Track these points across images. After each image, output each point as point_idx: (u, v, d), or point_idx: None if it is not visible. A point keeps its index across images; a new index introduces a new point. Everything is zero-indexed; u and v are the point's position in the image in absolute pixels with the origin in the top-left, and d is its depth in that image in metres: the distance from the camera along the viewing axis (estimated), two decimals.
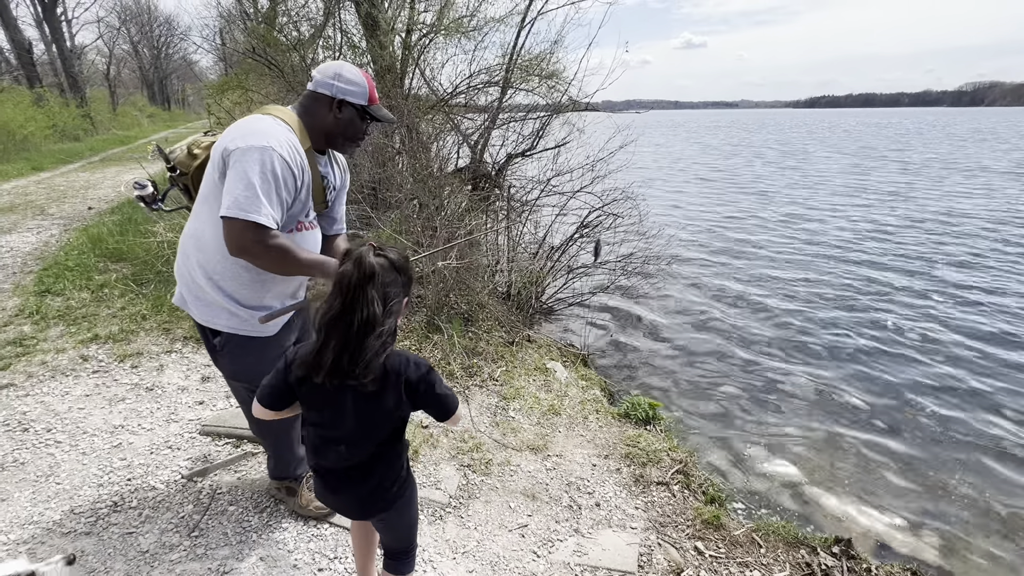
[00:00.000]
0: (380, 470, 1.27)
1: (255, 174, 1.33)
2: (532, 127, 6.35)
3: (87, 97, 22.44)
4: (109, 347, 2.92)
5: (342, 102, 1.50)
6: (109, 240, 4.34)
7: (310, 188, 1.53)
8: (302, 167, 1.45)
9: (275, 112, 1.50)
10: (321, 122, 1.52)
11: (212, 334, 1.59)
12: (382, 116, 1.58)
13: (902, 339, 4.77)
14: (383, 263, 1.13)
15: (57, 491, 1.94)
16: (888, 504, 2.79)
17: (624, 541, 2.12)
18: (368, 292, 1.11)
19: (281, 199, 1.39)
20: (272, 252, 1.37)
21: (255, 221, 1.32)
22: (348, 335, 1.10)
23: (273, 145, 1.36)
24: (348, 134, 1.56)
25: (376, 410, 1.19)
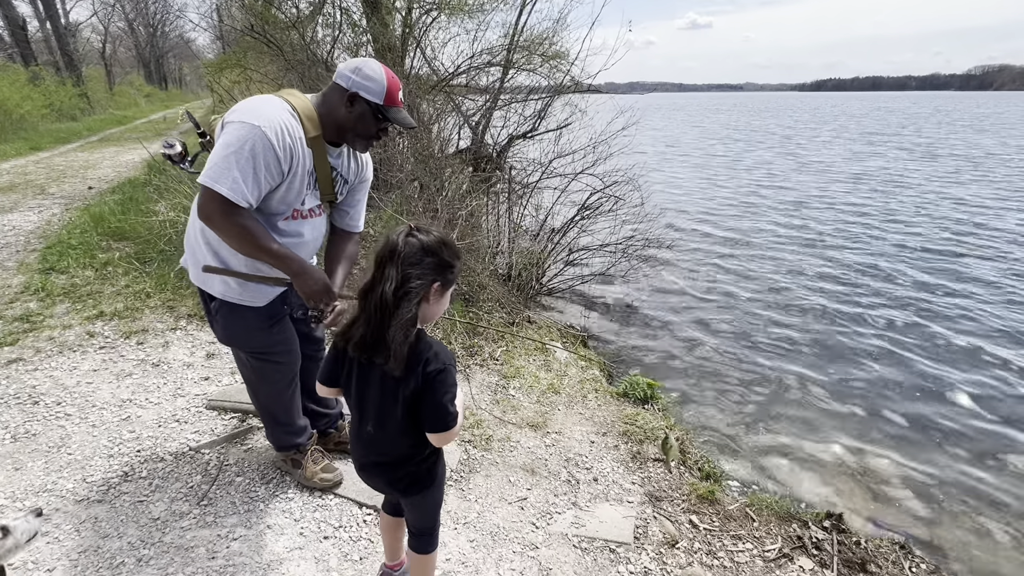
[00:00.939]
0: (410, 455, 1.26)
1: (234, 148, 1.34)
2: (534, 108, 6.30)
3: (83, 76, 22.14)
4: (115, 324, 2.96)
5: (355, 96, 1.47)
6: (111, 219, 4.35)
7: (307, 176, 1.52)
8: (293, 152, 1.43)
9: (286, 95, 1.51)
10: (334, 113, 1.51)
11: (209, 298, 1.64)
12: (398, 119, 1.52)
13: (900, 323, 4.80)
14: (412, 242, 1.10)
15: (69, 461, 2.00)
16: (880, 481, 2.85)
17: (621, 514, 2.17)
18: (386, 270, 1.10)
19: (259, 179, 1.38)
20: (232, 229, 1.39)
21: (219, 192, 1.34)
22: (370, 311, 1.11)
23: (262, 125, 1.36)
24: (359, 130, 1.53)
25: (398, 393, 1.17)
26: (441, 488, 1.40)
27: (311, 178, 1.55)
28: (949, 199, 10.06)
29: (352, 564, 1.70)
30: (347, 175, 1.67)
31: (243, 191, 1.36)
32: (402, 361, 1.11)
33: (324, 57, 5.97)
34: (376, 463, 1.31)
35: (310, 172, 1.53)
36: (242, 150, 1.35)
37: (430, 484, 1.33)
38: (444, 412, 1.14)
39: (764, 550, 2.09)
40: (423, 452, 1.27)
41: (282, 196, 1.50)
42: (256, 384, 1.84)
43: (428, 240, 1.12)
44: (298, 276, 1.51)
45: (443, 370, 1.15)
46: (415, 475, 1.30)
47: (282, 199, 1.51)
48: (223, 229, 1.42)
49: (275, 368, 1.78)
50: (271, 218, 1.54)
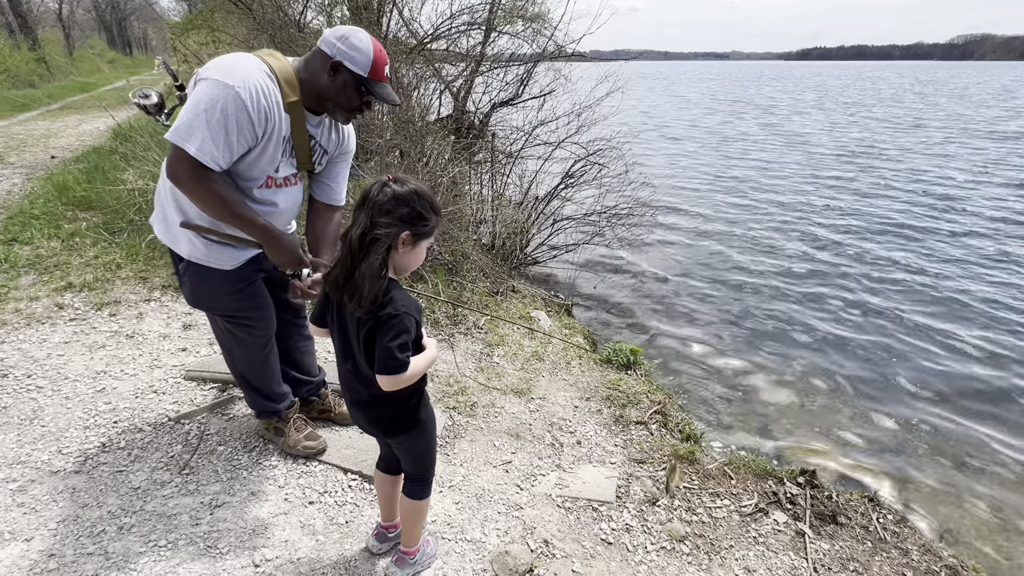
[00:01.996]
0: (385, 396, 1.29)
1: (205, 107, 1.28)
2: (516, 73, 6.14)
3: (39, 40, 20.85)
4: (85, 295, 2.87)
5: (339, 65, 1.41)
6: (76, 188, 4.16)
7: (282, 141, 1.46)
8: (268, 115, 1.37)
9: (265, 55, 1.43)
10: (315, 80, 1.44)
11: (177, 259, 1.60)
12: (382, 95, 1.46)
13: (874, 286, 4.92)
14: (385, 191, 1.13)
15: (43, 433, 1.95)
16: (852, 440, 2.96)
17: (603, 475, 2.22)
18: (357, 214, 1.15)
19: (230, 142, 1.33)
20: (201, 192, 1.35)
21: (187, 152, 1.29)
22: (343, 254, 1.16)
23: (235, 85, 1.30)
24: (340, 101, 1.47)
25: (360, 333, 1.22)
26: (429, 435, 1.43)
27: (287, 145, 1.49)
28: (929, 172, 10.20)
29: (338, 527, 1.71)
30: (327, 145, 1.61)
31: (212, 152, 1.31)
32: (366, 304, 1.15)
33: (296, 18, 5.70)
34: (355, 400, 1.36)
35: (286, 139, 1.47)
36: (213, 109, 1.28)
37: (411, 427, 1.37)
38: (389, 356, 1.16)
39: (741, 505, 2.16)
40: (397, 395, 1.30)
41: (254, 161, 1.44)
42: (230, 348, 1.81)
43: (401, 190, 1.14)
44: (269, 244, 1.48)
45: (395, 316, 1.17)
46: (393, 416, 1.35)
47: (254, 164, 1.45)
48: (191, 191, 1.36)
49: (247, 332, 1.74)
50: (244, 185, 1.49)
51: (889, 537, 2.09)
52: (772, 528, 2.02)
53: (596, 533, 1.84)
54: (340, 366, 1.35)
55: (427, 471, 1.48)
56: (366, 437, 2.12)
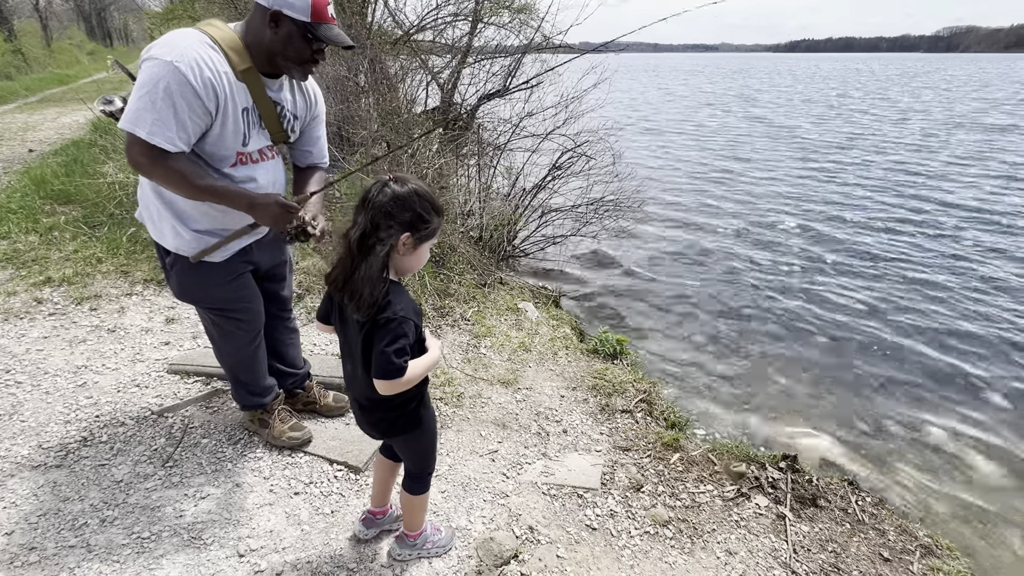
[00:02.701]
0: (384, 400, 1.28)
1: (148, 88, 1.25)
2: (502, 65, 6.10)
3: (15, 30, 20.31)
4: (64, 290, 2.82)
5: (278, 15, 1.33)
6: (54, 182, 4.08)
7: (243, 113, 1.40)
8: (216, 87, 1.30)
9: (205, 26, 1.37)
10: (260, 39, 1.37)
11: (164, 253, 1.57)
12: (331, 37, 1.37)
13: (860, 274, 5.00)
14: (385, 191, 1.11)
15: (23, 428, 1.93)
16: (832, 427, 3.02)
17: (589, 463, 2.25)
18: (357, 215, 1.13)
19: (182, 119, 1.27)
20: (163, 173, 1.31)
21: (139, 136, 1.25)
22: (343, 255, 1.15)
23: (174, 60, 1.24)
24: (289, 55, 1.38)
25: (367, 340, 1.20)
26: (429, 435, 1.44)
27: (253, 116, 1.44)
28: (905, 161, 10.34)
29: (324, 517, 1.72)
30: (295, 111, 1.56)
31: (165, 133, 1.26)
32: (366, 308, 1.13)
33: None
34: (356, 401, 1.36)
35: (249, 109, 1.41)
36: (156, 89, 1.24)
37: (411, 429, 1.37)
38: (386, 360, 1.14)
39: (724, 491, 2.20)
40: (396, 399, 1.29)
41: (217, 138, 1.38)
42: (218, 341, 1.79)
43: (402, 191, 1.12)
44: (251, 208, 1.41)
45: (392, 320, 1.15)
46: (391, 420, 1.34)
47: (219, 142, 1.39)
48: (154, 175, 1.33)
49: (236, 325, 1.72)
50: (216, 165, 1.44)
51: (867, 519, 2.14)
52: (754, 512, 2.06)
53: (581, 519, 1.87)
54: (343, 366, 1.35)
55: (424, 468, 1.49)
56: (352, 428, 2.12)
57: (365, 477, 1.90)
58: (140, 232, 3.38)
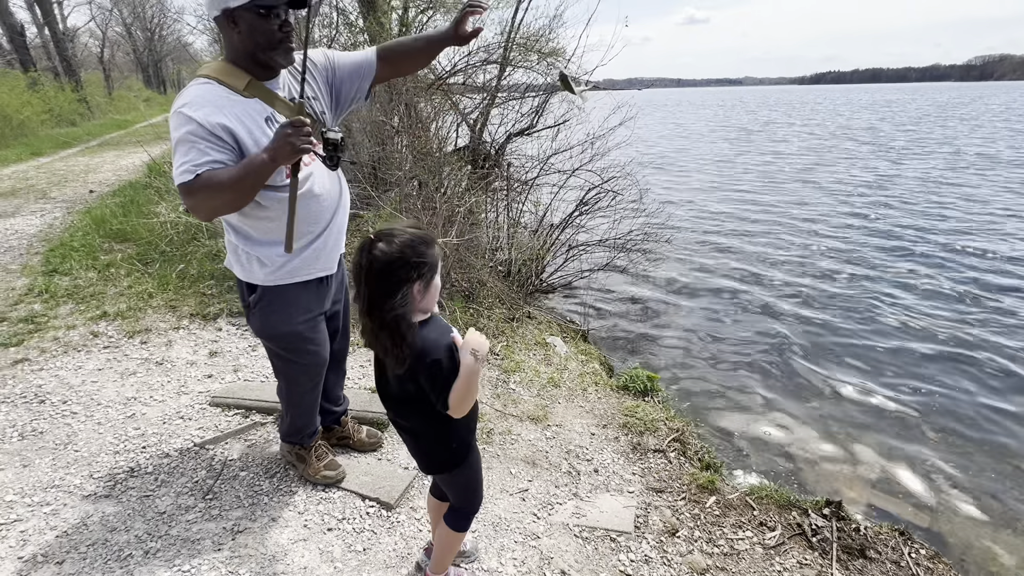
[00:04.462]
0: (426, 435, 1.31)
1: (174, 141, 1.36)
2: (531, 105, 6.31)
3: (82, 81, 22.20)
4: (118, 324, 2.99)
5: (229, 12, 1.35)
6: (112, 221, 4.38)
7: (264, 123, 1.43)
8: (226, 112, 1.36)
9: (200, 71, 1.48)
10: (234, 48, 1.40)
11: (249, 290, 1.64)
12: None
13: (898, 314, 4.81)
14: (376, 256, 1.09)
15: (76, 458, 2.02)
16: (879, 469, 2.86)
17: (621, 504, 2.19)
18: (359, 287, 1.13)
19: (202, 150, 1.32)
20: (200, 193, 1.33)
21: (180, 183, 1.34)
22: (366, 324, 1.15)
23: (176, 107, 1.36)
24: (261, 43, 1.38)
25: (405, 380, 1.23)
26: (473, 475, 1.44)
27: (278, 120, 1.45)
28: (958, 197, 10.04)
29: (356, 555, 1.72)
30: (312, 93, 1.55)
31: (190, 167, 1.32)
32: (401, 361, 1.16)
33: None
34: (407, 441, 1.41)
35: (270, 116, 1.45)
36: (177, 135, 1.35)
37: (458, 466, 1.39)
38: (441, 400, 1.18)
39: (764, 538, 2.11)
40: (443, 437, 1.32)
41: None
42: (283, 379, 1.85)
43: (391, 249, 1.09)
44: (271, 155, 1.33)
45: (434, 362, 1.16)
46: (437, 457, 1.37)
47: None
48: (197, 203, 1.37)
49: (302, 368, 1.78)
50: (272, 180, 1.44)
51: (922, 573, 2.01)
52: (798, 562, 1.96)
53: (614, 564, 1.82)
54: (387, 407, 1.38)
55: (467, 505, 1.49)
56: (384, 464, 2.14)
57: (397, 514, 1.90)
58: (188, 268, 3.58)
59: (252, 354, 2.84)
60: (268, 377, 2.67)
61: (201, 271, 3.54)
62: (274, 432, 2.28)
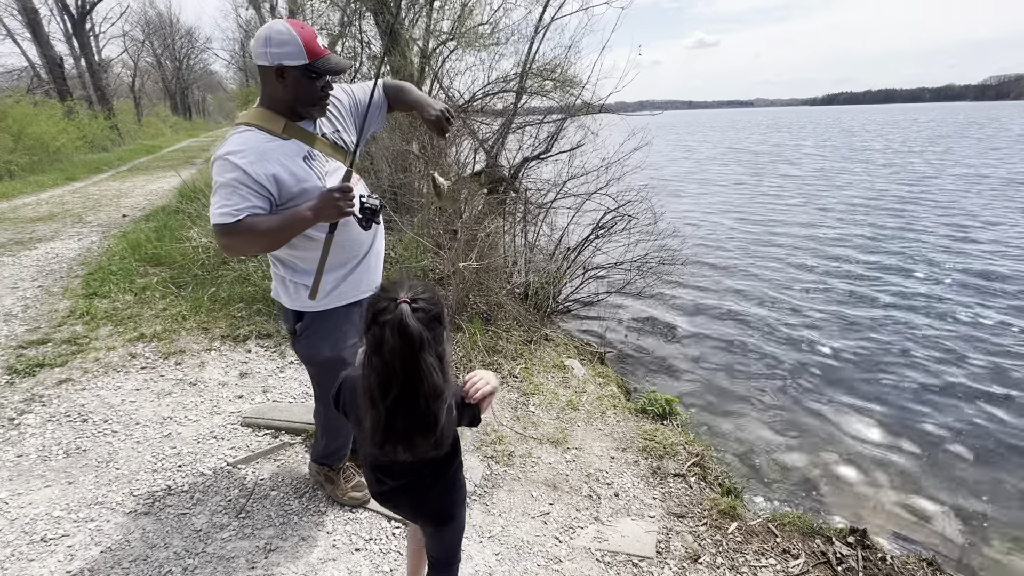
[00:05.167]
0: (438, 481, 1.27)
1: (215, 185, 1.45)
2: (547, 130, 6.46)
3: (114, 109, 23.23)
4: (154, 345, 3.12)
5: (281, 68, 1.43)
6: (148, 246, 4.58)
7: (305, 164, 1.52)
8: (268, 157, 1.45)
9: (238, 119, 1.57)
10: (277, 96, 1.49)
11: (296, 319, 1.71)
12: (330, 68, 1.46)
13: (920, 338, 4.76)
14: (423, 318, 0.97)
15: (117, 476, 2.11)
16: (904, 497, 2.82)
17: (643, 529, 2.21)
18: (426, 362, 0.97)
19: (243, 194, 1.41)
20: (240, 236, 1.42)
21: (217, 224, 1.42)
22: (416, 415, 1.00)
23: (221, 153, 1.45)
24: (303, 99, 1.49)
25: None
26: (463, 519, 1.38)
27: (316, 157, 1.55)
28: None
29: (383, 575, 1.77)
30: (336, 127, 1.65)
31: (228, 210, 1.40)
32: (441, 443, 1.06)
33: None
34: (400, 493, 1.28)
35: (307, 155, 1.53)
36: (218, 181, 1.44)
37: (458, 514, 1.33)
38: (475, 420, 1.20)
39: (788, 566, 2.10)
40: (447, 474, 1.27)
41: (301, 192, 1.50)
42: (323, 404, 1.91)
43: (432, 306, 1.01)
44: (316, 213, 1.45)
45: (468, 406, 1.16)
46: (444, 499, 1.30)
47: (303, 195, 1.50)
48: (244, 245, 1.48)
49: None
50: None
51: None
52: None
53: None
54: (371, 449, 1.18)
55: (457, 555, 1.43)
56: None
57: None
58: (219, 292, 3.72)
59: (280, 375, 2.94)
60: (296, 398, 2.75)
61: (231, 294, 3.67)
62: (302, 452, 2.35)
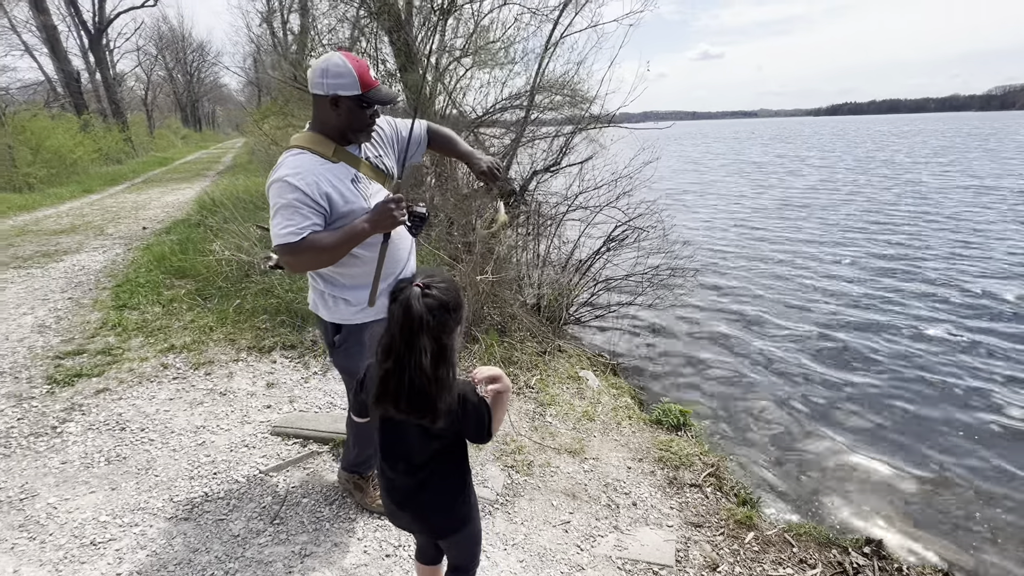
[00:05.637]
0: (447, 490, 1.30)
1: (276, 207, 1.54)
2: (556, 143, 6.59)
3: (128, 122, 23.68)
4: (184, 356, 3.22)
5: (335, 98, 1.54)
6: (172, 258, 4.71)
7: (352, 186, 1.63)
8: (323, 178, 1.54)
9: (292, 142, 1.68)
10: (328, 122, 1.60)
11: (335, 331, 1.80)
12: (381, 99, 1.58)
13: (936, 351, 4.79)
14: (430, 304, 1.08)
15: (156, 482, 2.20)
16: (919, 508, 2.86)
17: (661, 538, 2.27)
18: (420, 341, 1.07)
19: (303, 212, 1.51)
20: (304, 258, 1.54)
21: (283, 243, 1.52)
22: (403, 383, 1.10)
23: (278, 176, 1.54)
24: (353, 126, 1.60)
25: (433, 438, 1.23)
26: (478, 524, 1.41)
27: (361, 180, 1.66)
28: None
29: None
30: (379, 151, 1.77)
31: (293, 229, 1.51)
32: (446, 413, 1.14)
33: None
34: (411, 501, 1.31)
35: (355, 177, 1.65)
36: (276, 203, 1.54)
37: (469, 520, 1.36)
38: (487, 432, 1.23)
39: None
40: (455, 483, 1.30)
41: (348, 212, 1.60)
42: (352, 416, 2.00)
43: (445, 297, 1.10)
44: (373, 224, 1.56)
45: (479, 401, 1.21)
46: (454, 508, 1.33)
47: (350, 214, 1.61)
48: (303, 262, 1.58)
49: None
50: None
51: None
52: None
53: None
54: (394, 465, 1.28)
55: (476, 559, 1.47)
56: None
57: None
58: (244, 303, 3.83)
59: (305, 386, 3.03)
60: (321, 408, 2.84)
61: (255, 306, 3.78)
62: (330, 461, 2.43)
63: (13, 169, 11.74)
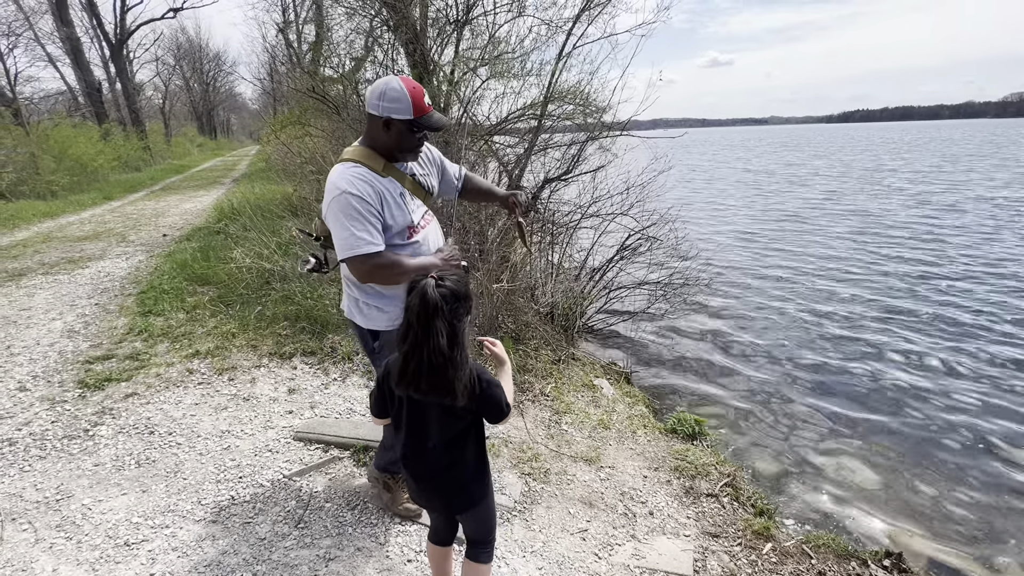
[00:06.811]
0: (468, 467, 1.42)
1: (342, 218, 1.61)
2: (568, 152, 6.65)
3: (147, 130, 24.19)
4: (208, 362, 3.30)
5: (388, 120, 1.62)
6: (194, 266, 4.82)
7: (400, 200, 1.72)
8: (379, 191, 1.63)
9: (345, 156, 1.75)
10: (379, 141, 1.68)
11: (373, 338, 1.86)
12: (432, 125, 1.65)
13: (951, 362, 4.74)
14: (444, 293, 1.24)
15: (185, 485, 2.26)
16: (938, 521, 2.84)
17: (679, 547, 2.28)
18: (433, 325, 1.22)
19: (371, 222, 1.60)
20: (383, 269, 1.64)
21: (361, 253, 1.59)
22: (424, 363, 1.24)
23: (343, 188, 1.61)
24: (403, 147, 1.68)
25: (455, 418, 1.37)
26: (492, 498, 1.53)
27: (407, 195, 1.76)
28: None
29: None
30: (424, 171, 1.88)
31: (370, 239, 1.61)
32: (464, 391, 1.28)
33: None
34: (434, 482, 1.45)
35: (402, 193, 1.75)
36: (347, 215, 1.60)
37: (485, 495, 1.48)
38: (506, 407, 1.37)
39: None
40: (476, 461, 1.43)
41: (397, 222, 1.70)
42: None
43: (456, 287, 1.28)
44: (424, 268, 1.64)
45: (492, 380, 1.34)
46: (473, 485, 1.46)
47: (398, 224, 1.71)
48: (378, 275, 1.66)
49: None
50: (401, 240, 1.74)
51: None
52: None
53: None
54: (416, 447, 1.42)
55: (493, 532, 1.57)
56: None
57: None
58: (265, 310, 3.91)
59: (325, 392, 3.09)
60: (341, 414, 2.89)
61: (276, 313, 3.86)
62: (351, 466, 2.47)
63: (37, 177, 12.05)
